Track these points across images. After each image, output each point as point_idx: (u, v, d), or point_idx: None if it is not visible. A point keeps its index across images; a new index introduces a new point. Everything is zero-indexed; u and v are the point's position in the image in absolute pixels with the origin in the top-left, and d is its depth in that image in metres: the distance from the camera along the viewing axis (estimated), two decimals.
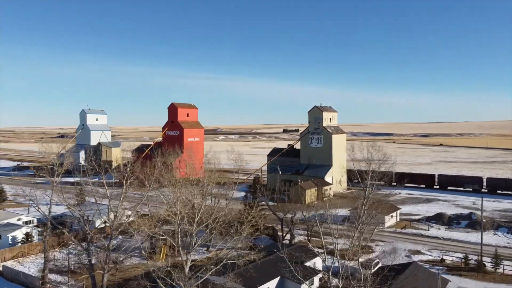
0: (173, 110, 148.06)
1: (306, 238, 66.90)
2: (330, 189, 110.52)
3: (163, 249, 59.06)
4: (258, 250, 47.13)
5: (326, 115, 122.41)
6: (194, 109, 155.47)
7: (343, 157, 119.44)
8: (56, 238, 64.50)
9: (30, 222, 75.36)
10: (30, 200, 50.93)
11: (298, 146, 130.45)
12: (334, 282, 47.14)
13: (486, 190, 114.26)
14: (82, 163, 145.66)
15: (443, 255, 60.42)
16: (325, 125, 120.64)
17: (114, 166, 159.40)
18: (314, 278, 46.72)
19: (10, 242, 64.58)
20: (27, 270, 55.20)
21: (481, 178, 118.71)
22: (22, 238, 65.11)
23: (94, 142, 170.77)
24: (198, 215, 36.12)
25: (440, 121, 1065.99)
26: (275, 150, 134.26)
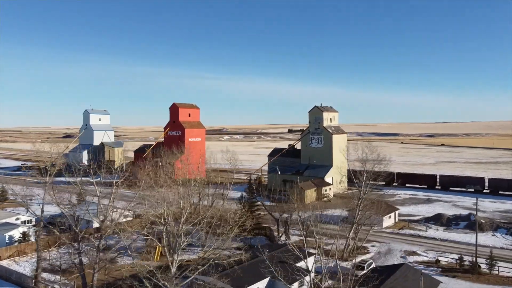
0: (174, 110, 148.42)
1: (301, 238, 66.72)
2: (330, 189, 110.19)
3: (158, 249, 59.23)
4: (245, 250, 47.01)
5: (327, 115, 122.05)
6: (195, 109, 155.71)
7: (344, 157, 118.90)
8: (53, 238, 64.92)
9: (28, 222, 75.95)
10: (21, 200, 51.29)
11: (298, 146, 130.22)
12: (325, 283, 47.02)
13: (488, 191, 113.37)
14: (85, 163, 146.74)
15: (439, 256, 59.99)
16: (325, 125, 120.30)
17: (117, 166, 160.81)
18: (305, 279, 46.54)
19: (7, 242, 65.14)
20: (23, 269, 55.70)
21: (483, 179, 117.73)
22: (19, 237, 65.65)
23: (97, 142, 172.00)
24: (184, 215, 36.14)
25: (446, 121, 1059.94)
26: (276, 150, 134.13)
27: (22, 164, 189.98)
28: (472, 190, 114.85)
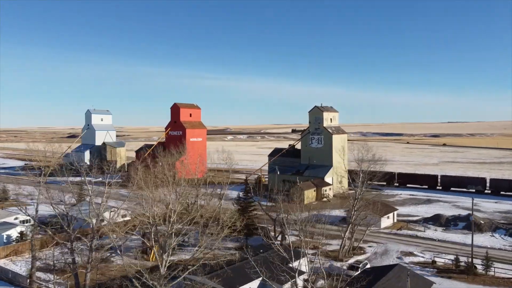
0: (175, 110, 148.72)
1: (298, 238, 66.57)
2: (330, 189, 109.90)
3: (155, 248, 59.29)
4: (240, 250, 46.93)
5: (327, 115, 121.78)
6: (197, 109, 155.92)
7: (344, 157, 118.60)
8: (49, 237, 65.14)
9: (27, 221, 76.27)
10: (15, 200, 51.53)
11: (299, 146, 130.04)
12: (318, 284, 46.92)
13: (490, 191, 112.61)
14: (87, 163, 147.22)
15: (435, 257, 59.63)
16: (325, 125, 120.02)
17: (119, 165, 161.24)
18: (298, 279, 46.40)
19: (4, 241, 65.56)
20: (19, 268, 56.04)
21: (484, 179, 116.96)
22: (17, 237, 66.03)
23: (99, 142, 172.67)
24: (174, 216, 36.15)
25: (451, 121, 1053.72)
26: (276, 150, 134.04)
27: (25, 164, 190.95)
28: (473, 190, 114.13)
